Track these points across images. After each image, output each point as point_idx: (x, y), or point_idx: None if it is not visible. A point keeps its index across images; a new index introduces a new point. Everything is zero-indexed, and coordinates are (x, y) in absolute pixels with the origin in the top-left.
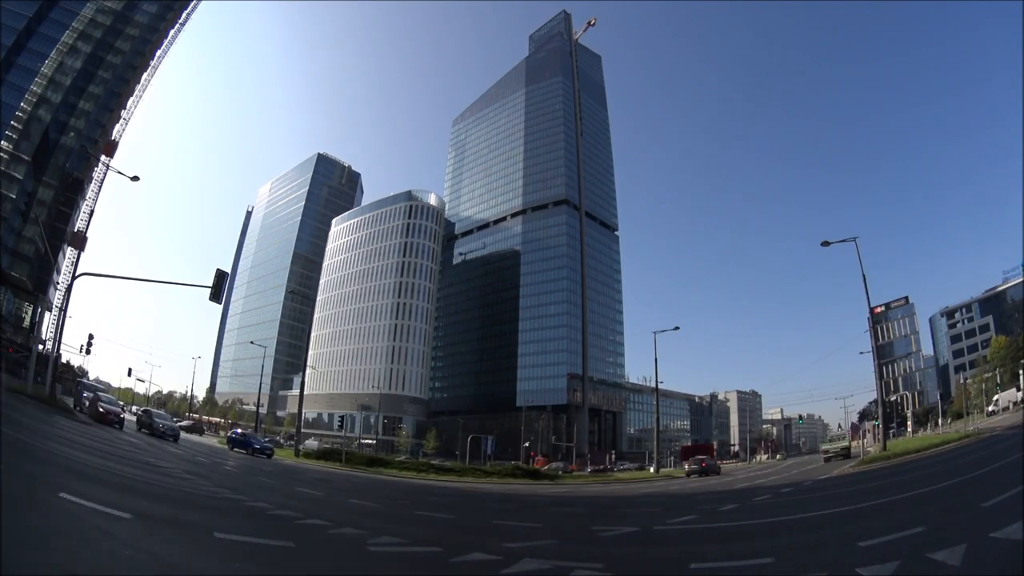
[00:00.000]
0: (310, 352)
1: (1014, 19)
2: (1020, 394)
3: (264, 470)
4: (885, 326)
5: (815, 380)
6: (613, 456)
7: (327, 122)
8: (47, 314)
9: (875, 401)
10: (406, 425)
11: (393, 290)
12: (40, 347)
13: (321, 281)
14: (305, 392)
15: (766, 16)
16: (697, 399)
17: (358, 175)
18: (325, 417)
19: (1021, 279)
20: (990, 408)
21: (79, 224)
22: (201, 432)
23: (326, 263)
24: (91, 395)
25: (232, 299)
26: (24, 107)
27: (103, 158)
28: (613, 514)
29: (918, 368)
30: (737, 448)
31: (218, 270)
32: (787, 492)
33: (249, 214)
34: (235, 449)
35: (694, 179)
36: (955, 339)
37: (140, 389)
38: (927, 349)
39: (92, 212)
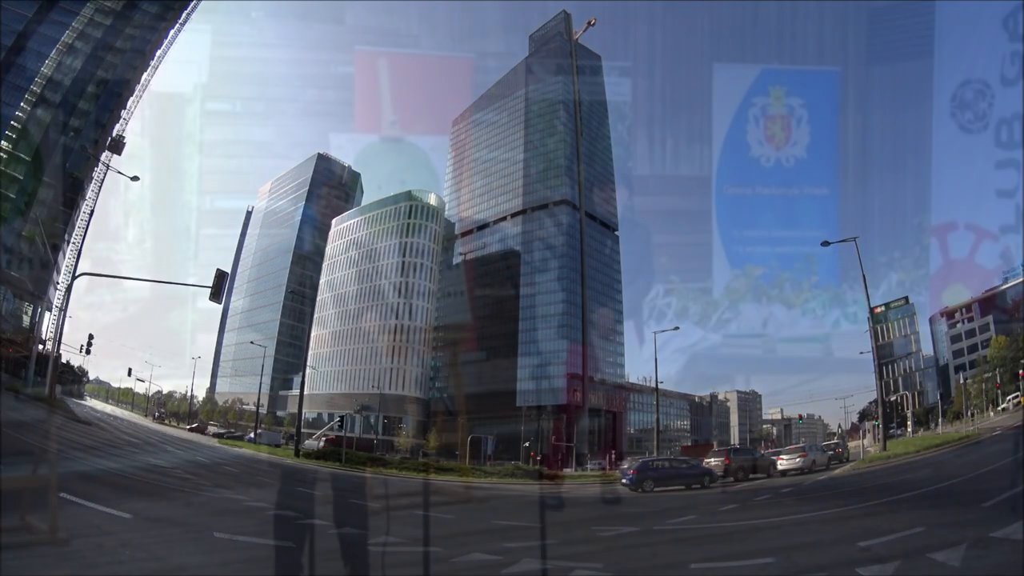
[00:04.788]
0: (310, 352)
1: (1014, 19)
2: None
3: (264, 470)
4: (885, 326)
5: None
6: (613, 456)
7: (327, 122)
8: (47, 314)
9: (875, 401)
10: (406, 425)
11: (393, 290)
12: (40, 347)
13: (321, 281)
14: (305, 392)
15: (766, 15)
16: (697, 399)
17: (358, 175)
18: (325, 417)
19: (1021, 279)
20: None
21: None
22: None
23: (326, 263)
24: None
25: (232, 299)
26: (24, 107)
27: (105, 155)
28: (613, 514)
29: (918, 368)
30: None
31: (218, 270)
32: (787, 492)
33: (249, 214)
34: None
35: None
36: (955, 339)
37: (140, 389)
38: (927, 349)
39: (92, 212)
